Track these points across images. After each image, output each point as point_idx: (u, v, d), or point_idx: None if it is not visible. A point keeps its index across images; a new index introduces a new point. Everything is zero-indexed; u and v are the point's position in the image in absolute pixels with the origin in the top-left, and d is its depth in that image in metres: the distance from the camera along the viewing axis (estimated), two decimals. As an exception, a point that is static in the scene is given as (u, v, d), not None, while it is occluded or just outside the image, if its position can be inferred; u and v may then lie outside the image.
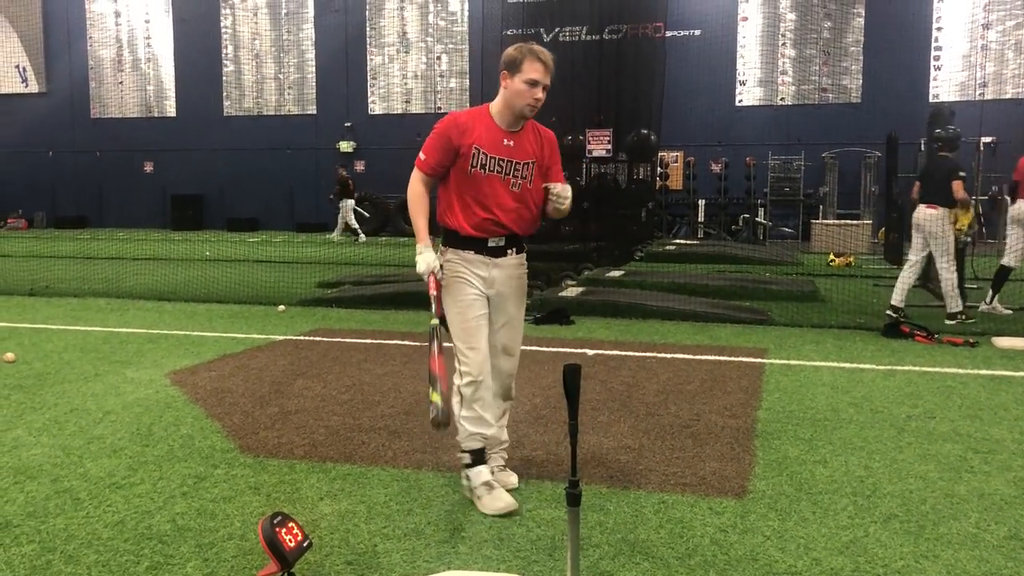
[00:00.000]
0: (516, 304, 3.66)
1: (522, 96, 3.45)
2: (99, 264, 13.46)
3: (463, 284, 3.53)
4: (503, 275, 3.58)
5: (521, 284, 3.67)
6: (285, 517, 2.78)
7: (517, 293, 3.65)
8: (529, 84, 3.43)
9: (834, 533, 3.20)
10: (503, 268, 3.57)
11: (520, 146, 3.53)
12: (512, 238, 3.59)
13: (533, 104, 3.47)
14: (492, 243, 3.54)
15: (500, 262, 3.56)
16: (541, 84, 3.45)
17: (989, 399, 5.23)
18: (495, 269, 3.55)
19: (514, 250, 3.61)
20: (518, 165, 3.52)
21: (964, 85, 20.18)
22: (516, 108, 3.48)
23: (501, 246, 3.56)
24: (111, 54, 26.64)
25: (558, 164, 3.69)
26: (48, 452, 4.14)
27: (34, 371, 5.95)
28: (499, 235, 3.54)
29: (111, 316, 8.57)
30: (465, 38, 23.57)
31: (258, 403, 5.09)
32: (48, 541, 3.11)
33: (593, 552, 3.03)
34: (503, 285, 3.58)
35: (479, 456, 3.53)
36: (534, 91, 3.44)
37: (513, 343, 3.66)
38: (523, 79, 3.43)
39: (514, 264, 3.62)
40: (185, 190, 25.40)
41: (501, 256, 3.56)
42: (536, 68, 3.44)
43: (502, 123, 3.52)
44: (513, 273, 3.62)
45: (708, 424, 4.66)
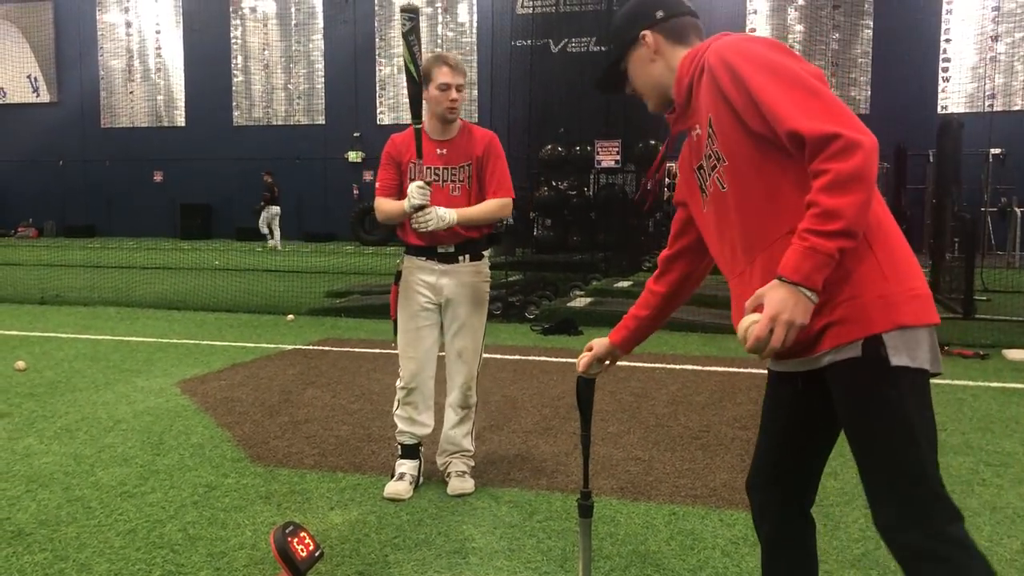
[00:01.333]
0: (469, 309, 3.71)
1: (439, 101, 3.63)
2: (109, 273, 13.51)
3: (411, 293, 3.70)
4: (453, 282, 3.66)
5: (476, 290, 3.72)
6: (297, 527, 2.78)
7: (471, 299, 3.70)
8: (441, 88, 3.61)
9: (845, 546, 3.19)
10: (452, 275, 3.66)
11: (453, 151, 3.68)
12: (463, 244, 3.67)
13: (451, 106, 3.63)
14: (442, 249, 3.65)
15: (450, 269, 3.66)
16: (453, 85, 3.62)
17: (1000, 411, 5.21)
18: (444, 277, 3.66)
19: (467, 256, 3.69)
20: (454, 170, 3.67)
21: (973, 97, 20.17)
22: (438, 113, 3.65)
23: (451, 252, 3.66)
24: (122, 64, 26.82)
25: (495, 163, 3.71)
26: (60, 460, 4.16)
27: (45, 379, 5.98)
28: (447, 242, 3.64)
29: (121, 325, 8.60)
30: (474, 49, 23.65)
31: (268, 412, 5.10)
32: (60, 549, 3.12)
33: (604, 564, 3.03)
34: (453, 292, 3.67)
35: (407, 451, 3.78)
36: (448, 93, 3.61)
37: (466, 350, 3.72)
38: (435, 86, 3.61)
39: (467, 271, 3.69)
40: (194, 199, 25.51)
41: (452, 263, 3.66)
42: (443, 72, 3.62)
43: (434, 134, 3.70)
44: (465, 280, 3.68)
45: (718, 435, 4.66)
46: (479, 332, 3.78)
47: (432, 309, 3.71)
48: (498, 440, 4.52)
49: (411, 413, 3.75)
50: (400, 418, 3.78)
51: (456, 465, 3.78)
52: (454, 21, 23.97)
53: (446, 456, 3.83)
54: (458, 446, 3.80)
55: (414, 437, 3.77)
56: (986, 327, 8.30)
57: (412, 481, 3.73)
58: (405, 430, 3.77)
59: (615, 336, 2.45)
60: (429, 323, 3.71)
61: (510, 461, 4.17)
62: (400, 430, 3.79)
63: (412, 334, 3.70)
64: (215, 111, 25.69)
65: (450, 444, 3.82)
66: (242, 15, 25.64)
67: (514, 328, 8.51)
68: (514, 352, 7.15)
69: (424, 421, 3.78)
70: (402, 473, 3.73)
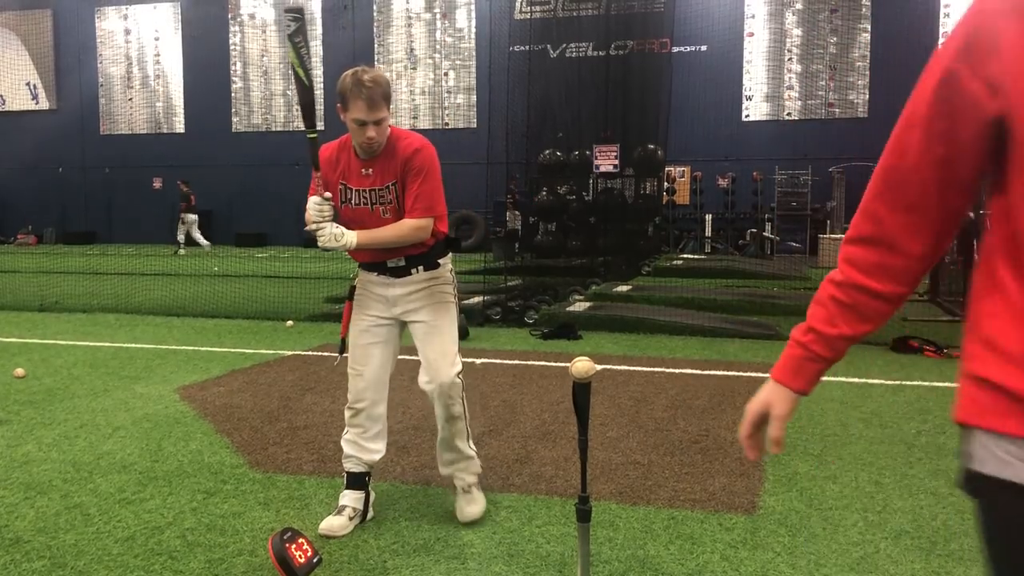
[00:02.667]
0: (431, 312, 3.41)
1: (355, 134, 3.23)
2: (108, 279, 13.52)
3: (363, 308, 3.46)
4: (404, 292, 3.40)
5: (432, 293, 3.42)
6: (295, 533, 2.78)
7: (428, 302, 3.41)
8: (357, 124, 3.18)
9: (845, 549, 3.19)
10: (404, 285, 3.40)
11: (379, 171, 3.30)
12: (412, 257, 3.38)
13: (368, 142, 3.20)
14: (391, 263, 3.38)
15: (400, 281, 3.40)
16: (369, 122, 3.15)
17: (999, 414, 5.20)
18: (394, 288, 3.40)
19: (420, 268, 3.40)
20: (381, 191, 3.31)
21: (971, 100, 20.18)
22: (357, 145, 3.29)
23: (402, 266, 3.39)
24: (121, 71, 26.86)
25: (414, 179, 3.28)
26: (58, 467, 4.15)
27: (44, 386, 5.97)
28: (394, 256, 3.37)
29: (120, 331, 8.60)
30: (472, 54, 23.70)
31: (267, 418, 5.10)
32: (58, 557, 3.12)
33: (603, 568, 3.03)
34: (407, 301, 3.41)
35: (352, 480, 3.47)
36: (364, 130, 3.17)
37: (435, 353, 3.38)
38: (351, 118, 3.19)
39: (420, 279, 3.41)
40: (193, 206, 25.50)
41: (404, 275, 3.40)
42: (359, 107, 3.13)
43: (359, 151, 3.31)
44: (418, 286, 3.40)
45: (717, 439, 4.65)
46: (446, 334, 3.42)
47: (384, 325, 3.45)
48: (497, 445, 4.52)
49: (356, 437, 3.45)
50: (347, 442, 3.48)
51: (460, 478, 3.50)
52: (452, 27, 24.01)
53: (448, 468, 3.55)
54: (457, 453, 3.51)
55: (360, 463, 3.47)
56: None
57: (353, 515, 3.40)
58: (351, 454, 3.47)
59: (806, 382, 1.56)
60: (379, 340, 3.44)
61: (509, 466, 4.17)
62: (346, 454, 3.49)
63: (360, 350, 3.45)
64: (214, 118, 25.72)
65: (447, 454, 3.54)
66: (241, 22, 25.68)
67: (513, 333, 8.51)
68: (513, 357, 7.14)
69: (371, 447, 3.48)
70: (343, 506, 3.41)
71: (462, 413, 3.47)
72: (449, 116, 23.97)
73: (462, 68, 23.90)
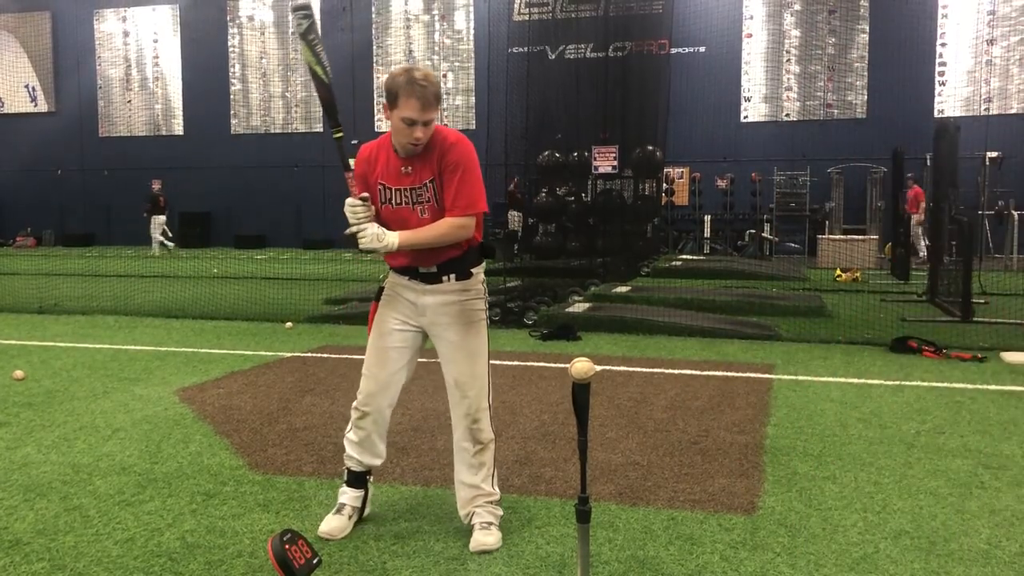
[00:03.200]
0: (459, 332, 3.29)
1: (401, 134, 3.13)
2: (107, 282, 13.51)
3: (386, 309, 3.39)
4: (435, 302, 3.29)
5: (463, 311, 3.29)
6: (295, 534, 2.78)
7: (459, 320, 3.29)
8: (406, 123, 3.09)
9: (844, 549, 3.19)
10: (435, 295, 3.29)
11: (418, 169, 3.20)
12: (445, 264, 3.27)
13: (414, 143, 3.12)
14: (423, 270, 3.28)
15: (432, 288, 3.29)
16: (420, 121, 3.07)
17: (999, 414, 5.21)
18: (426, 296, 3.30)
19: (452, 276, 3.28)
20: (419, 190, 3.22)
21: (969, 100, 20.21)
22: (399, 144, 3.19)
23: (434, 272, 3.27)
24: (119, 73, 26.86)
25: (451, 175, 3.17)
26: (57, 469, 4.15)
27: (43, 388, 5.97)
28: (427, 263, 3.27)
29: (119, 333, 8.60)
30: (471, 56, 23.71)
31: (266, 420, 5.10)
32: (58, 559, 3.12)
33: (603, 569, 3.03)
34: (436, 314, 3.30)
35: (352, 478, 3.44)
36: (412, 130, 3.09)
37: (464, 376, 3.29)
38: (399, 116, 3.09)
39: (452, 290, 3.29)
40: (193, 207, 25.52)
41: (435, 283, 3.28)
42: (412, 105, 3.05)
43: (400, 151, 3.21)
44: (449, 299, 3.29)
45: (717, 440, 4.66)
46: (478, 356, 3.30)
47: (408, 331, 3.35)
48: (496, 446, 4.50)
49: (362, 438, 3.39)
50: (350, 442, 3.42)
51: (480, 515, 3.29)
52: (451, 28, 24.02)
53: (468, 506, 3.32)
54: (479, 489, 3.30)
55: (361, 465, 3.43)
56: (984, 330, 8.31)
57: (352, 514, 3.39)
58: (353, 455, 3.42)
59: None
60: (401, 346, 3.35)
61: (508, 467, 4.17)
62: (348, 454, 3.44)
63: (379, 353, 3.37)
64: (213, 120, 25.72)
65: (468, 491, 3.32)
66: (239, 24, 25.68)
67: (512, 334, 8.51)
68: (512, 358, 7.15)
69: (375, 451, 3.43)
70: (342, 504, 3.41)
71: (491, 440, 3.35)
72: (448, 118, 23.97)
73: (460, 70, 23.91)
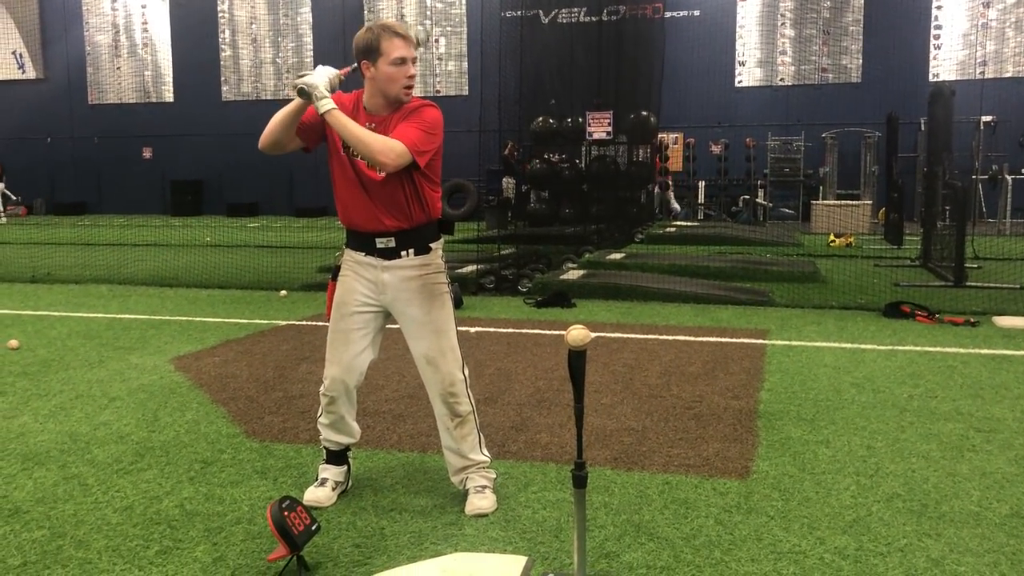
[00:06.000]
0: (422, 307, 3.26)
1: (395, 79, 3.13)
2: (100, 250, 13.46)
3: (345, 290, 3.33)
4: (395, 279, 3.25)
5: (424, 285, 3.26)
6: (293, 501, 2.80)
7: (420, 295, 3.26)
8: (397, 63, 3.11)
9: (837, 512, 3.23)
10: (395, 271, 3.25)
11: (382, 126, 3.17)
12: (403, 237, 3.23)
13: (409, 83, 3.15)
14: (381, 244, 3.24)
15: (391, 264, 3.25)
16: (409, 58, 3.12)
17: (990, 378, 5.25)
18: (385, 273, 3.25)
19: (411, 251, 3.24)
20: None
21: (964, 64, 20.11)
22: (392, 94, 3.16)
23: (392, 247, 3.23)
24: (108, 40, 26.53)
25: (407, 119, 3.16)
26: (55, 438, 4.16)
27: (38, 358, 5.97)
28: (385, 232, 3.22)
29: (113, 302, 8.58)
30: (463, 20, 23.46)
31: (262, 388, 5.12)
32: (58, 527, 3.14)
33: (599, 533, 3.06)
34: (397, 290, 3.26)
35: (331, 456, 3.45)
36: (405, 69, 3.12)
37: (433, 351, 3.27)
38: (387, 61, 3.10)
39: (411, 265, 3.25)
40: (184, 176, 25.37)
41: (394, 258, 3.24)
42: (397, 45, 3.10)
43: (371, 109, 3.22)
44: (409, 275, 3.25)
45: (711, 405, 4.69)
46: (444, 329, 3.29)
47: (370, 312, 3.31)
48: (492, 413, 4.54)
49: (333, 420, 3.38)
50: (323, 425, 3.42)
51: (474, 480, 3.32)
52: (443, -8, 23.74)
53: (459, 474, 3.35)
54: (467, 460, 3.33)
55: (338, 445, 3.44)
56: (977, 295, 8.35)
57: (335, 487, 3.41)
58: (329, 438, 3.43)
59: None
60: (362, 327, 3.31)
61: (504, 433, 4.20)
62: (323, 437, 3.45)
63: (340, 336, 3.32)
64: (203, 86, 25.47)
65: (457, 460, 3.34)
66: (229, -12, 25.34)
67: (507, 301, 8.52)
68: (507, 325, 7.16)
69: (348, 431, 3.44)
70: (324, 479, 3.41)
71: (470, 411, 3.33)
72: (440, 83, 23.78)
73: (453, 34, 23.68)
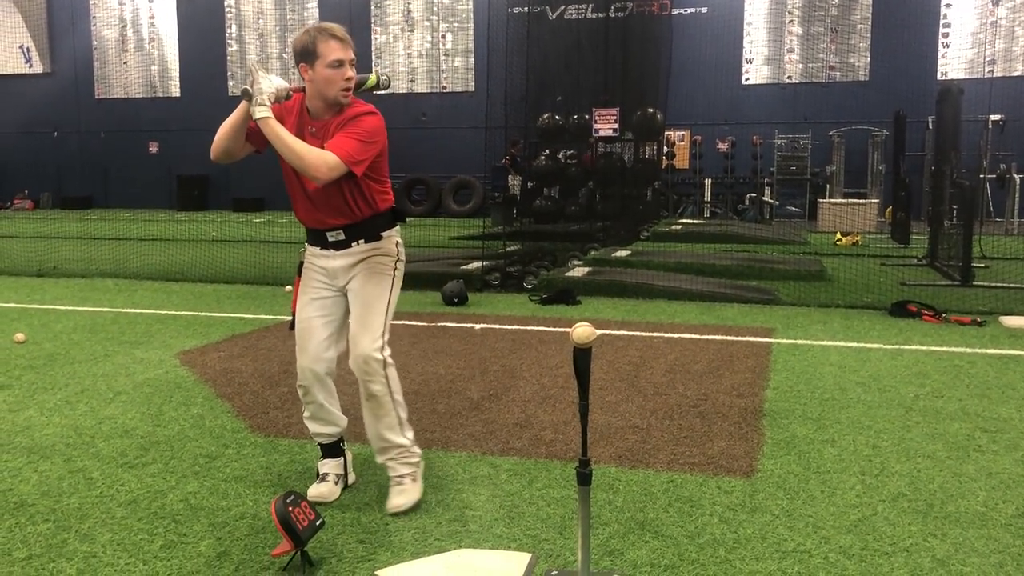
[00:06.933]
0: (361, 280, 3.29)
1: (332, 82, 3.12)
2: (106, 245, 13.48)
3: (305, 283, 3.38)
4: (344, 263, 3.31)
5: (368, 262, 3.30)
6: (298, 496, 2.80)
7: (363, 271, 3.30)
8: (334, 66, 3.11)
9: (842, 512, 3.22)
10: (345, 257, 3.31)
11: (323, 132, 3.19)
12: (351, 230, 3.28)
13: (346, 86, 3.14)
14: (331, 237, 3.30)
15: (342, 252, 3.31)
16: (346, 61, 3.12)
17: (997, 378, 5.23)
18: (336, 259, 3.31)
19: (361, 240, 3.29)
20: None
21: (973, 62, 20.02)
22: (331, 96, 3.16)
23: (342, 240, 3.29)
24: (115, 34, 26.56)
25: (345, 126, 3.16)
26: (60, 432, 4.17)
27: (44, 352, 5.98)
28: (334, 227, 3.28)
29: (119, 297, 8.60)
30: (470, 16, 23.43)
31: (267, 383, 5.12)
32: (63, 520, 3.14)
33: (603, 530, 3.05)
34: (347, 273, 3.31)
35: (326, 450, 3.45)
36: (342, 71, 3.12)
37: (357, 325, 3.25)
38: (324, 64, 3.10)
39: (360, 251, 3.30)
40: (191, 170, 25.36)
41: (344, 248, 3.30)
42: (333, 47, 3.10)
43: (313, 112, 3.23)
44: (357, 258, 3.30)
45: (716, 404, 4.68)
46: (372, 305, 3.26)
47: (328, 298, 3.35)
48: (497, 409, 4.54)
49: (314, 412, 3.38)
50: (307, 419, 3.43)
51: (393, 469, 3.31)
52: (450, -12, 23.72)
53: (381, 456, 3.34)
54: (385, 442, 3.30)
55: (329, 437, 3.44)
56: (984, 294, 8.32)
57: (337, 480, 3.41)
58: (315, 430, 3.43)
59: None
60: (323, 314, 3.33)
61: (509, 430, 4.19)
62: (311, 432, 3.46)
63: (304, 324, 3.34)
64: (210, 81, 25.46)
65: (377, 441, 3.32)
66: (236, -17, 25.35)
67: (512, 298, 8.51)
68: (512, 322, 7.16)
69: (331, 420, 3.42)
70: (324, 474, 3.42)
71: (385, 393, 3.24)
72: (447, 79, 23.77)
73: (460, 30, 23.65)
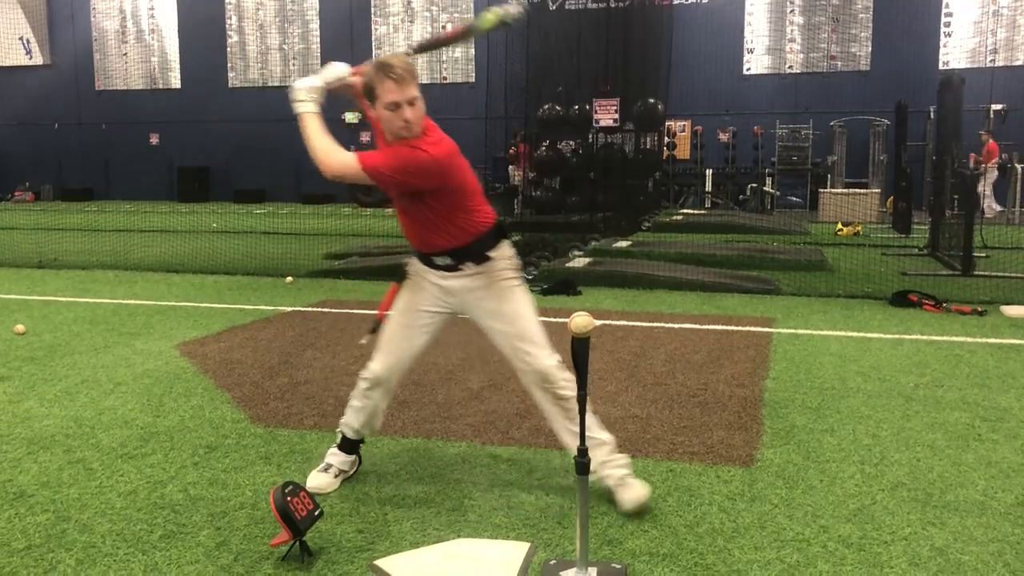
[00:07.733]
0: (494, 301, 3.23)
1: (391, 122, 3.05)
2: (106, 236, 13.49)
3: (413, 294, 3.33)
4: (461, 284, 3.24)
5: (491, 281, 3.23)
6: (296, 486, 2.80)
7: (490, 291, 3.24)
8: (391, 109, 3.02)
9: (842, 501, 3.22)
10: (460, 279, 3.24)
11: None
12: (456, 254, 3.22)
13: (406, 125, 3.04)
14: (439, 261, 3.25)
15: (455, 275, 3.25)
16: (404, 101, 3.01)
17: (997, 367, 5.23)
18: (450, 280, 3.25)
19: (470, 263, 3.22)
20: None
21: (975, 52, 19.97)
22: (393, 132, 3.10)
23: (449, 264, 3.24)
24: (115, 25, 26.52)
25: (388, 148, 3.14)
26: (60, 423, 4.17)
27: (44, 343, 5.98)
28: (439, 251, 3.23)
29: (119, 288, 8.60)
30: (470, 7, 23.39)
31: (267, 374, 5.12)
32: (62, 510, 3.15)
33: (602, 520, 3.06)
34: (465, 291, 3.25)
35: (345, 444, 3.43)
36: (399, 113, 3.02)
37: (515, 341, 3.23)
38: (382, 105, 3.04)
39: (473, 273, 3.23)
40: (191, 162, 25.40)
41: (453, 271, 3.24)
42: (388, 88, 3.00)
43: (387, 139, 3.18)
44: (474, 283, 3.24)
45: (716, 393, 4.68)
46: (523, 315, 3.24)
47: (439, 315, 3.31)
48: (497, 399, 4.54)
49: (366, 407, 3.37)
50: (353, 409, 3.40)
51: (609, 476, 3.17)
52: (450, -21, 23.66)
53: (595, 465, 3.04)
54: (592, 440, 3.01)
55: (358, 434, 3.42)
56: (985, 284, 8.31)
57: (338, 475, 3.38)
58: (352, 424, 3.41)
59: None
60: (428, 325, 3.31)
61: (509, 420, 4.19)
62: (346, 421, 3.42)
63: (403, 331, 3.30)
64: (210, 73, 25.47)
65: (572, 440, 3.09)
66: (235, -26, 25.28)
67: (513, 289, 8.50)
68: (513, 312, 7.14)
69: (373, 424, 3.45)
70: (329, 464, 3.40)
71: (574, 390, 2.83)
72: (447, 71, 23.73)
73: (460, 21, 23.60)
